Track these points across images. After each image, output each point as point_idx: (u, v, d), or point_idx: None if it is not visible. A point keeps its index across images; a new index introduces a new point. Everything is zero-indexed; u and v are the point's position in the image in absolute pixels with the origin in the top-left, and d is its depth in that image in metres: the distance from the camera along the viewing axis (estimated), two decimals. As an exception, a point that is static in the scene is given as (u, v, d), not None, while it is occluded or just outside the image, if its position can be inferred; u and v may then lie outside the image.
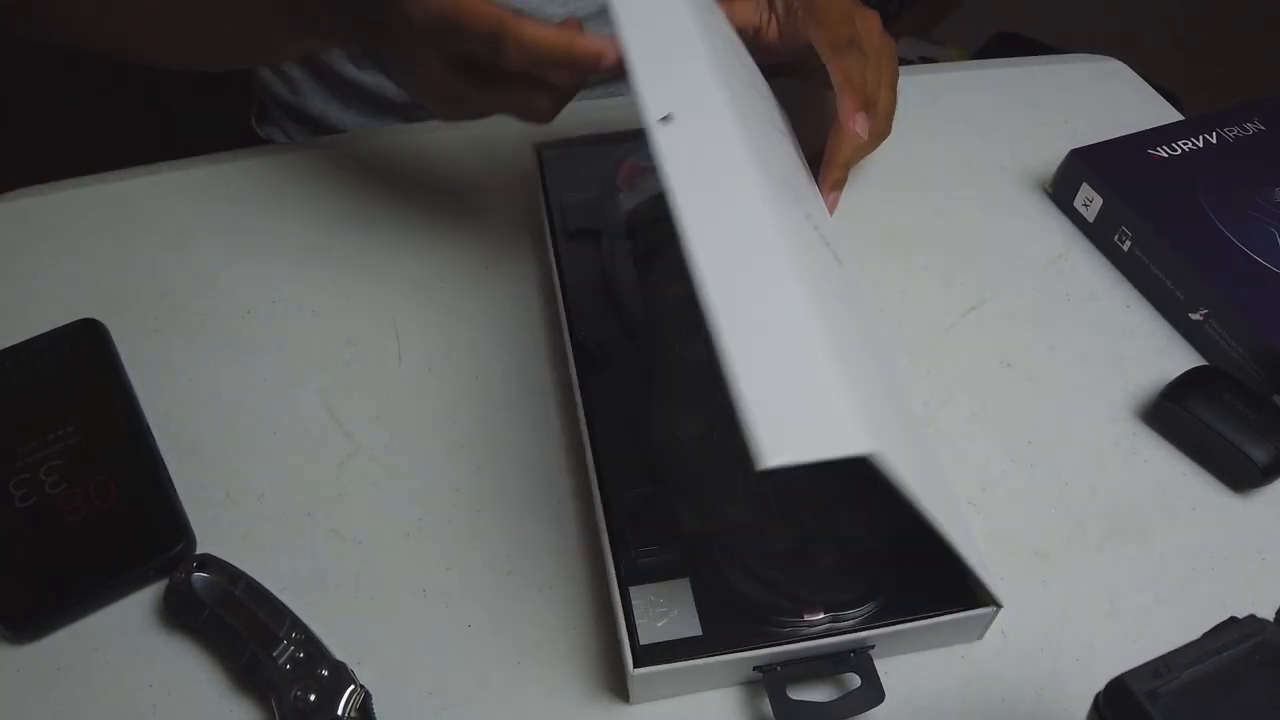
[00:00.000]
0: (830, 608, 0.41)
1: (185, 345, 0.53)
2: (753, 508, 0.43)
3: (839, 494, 0.44)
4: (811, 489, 0.44)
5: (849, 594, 0.41)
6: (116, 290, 0.56)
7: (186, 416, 0.50)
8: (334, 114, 0.74)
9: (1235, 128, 0.63)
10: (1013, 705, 0.42)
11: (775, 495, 0.44)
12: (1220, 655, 0.29)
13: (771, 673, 0.40)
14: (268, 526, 0.47)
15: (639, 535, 0.43)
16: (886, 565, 0.42)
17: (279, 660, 0.40)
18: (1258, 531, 0.48)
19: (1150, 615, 0.45)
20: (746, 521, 0.43)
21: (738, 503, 0.43)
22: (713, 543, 0.42)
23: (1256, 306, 0.52)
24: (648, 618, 0.41)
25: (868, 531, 0.43)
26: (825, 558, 0.42)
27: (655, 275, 0.51)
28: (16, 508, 0.45)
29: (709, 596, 0.41)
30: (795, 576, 0.41)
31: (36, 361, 0.51)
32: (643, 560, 0.42)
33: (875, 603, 0.41)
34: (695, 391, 0.47)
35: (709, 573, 0.42)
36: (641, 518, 0.43)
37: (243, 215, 0.59)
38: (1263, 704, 0.29)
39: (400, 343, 0.54)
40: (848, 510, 0.43)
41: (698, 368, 0.48)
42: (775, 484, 0.44)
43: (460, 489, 0.48)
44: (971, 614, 0.41)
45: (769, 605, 0.41)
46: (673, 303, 0.50)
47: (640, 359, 0.48)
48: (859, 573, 0.42)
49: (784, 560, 0.42)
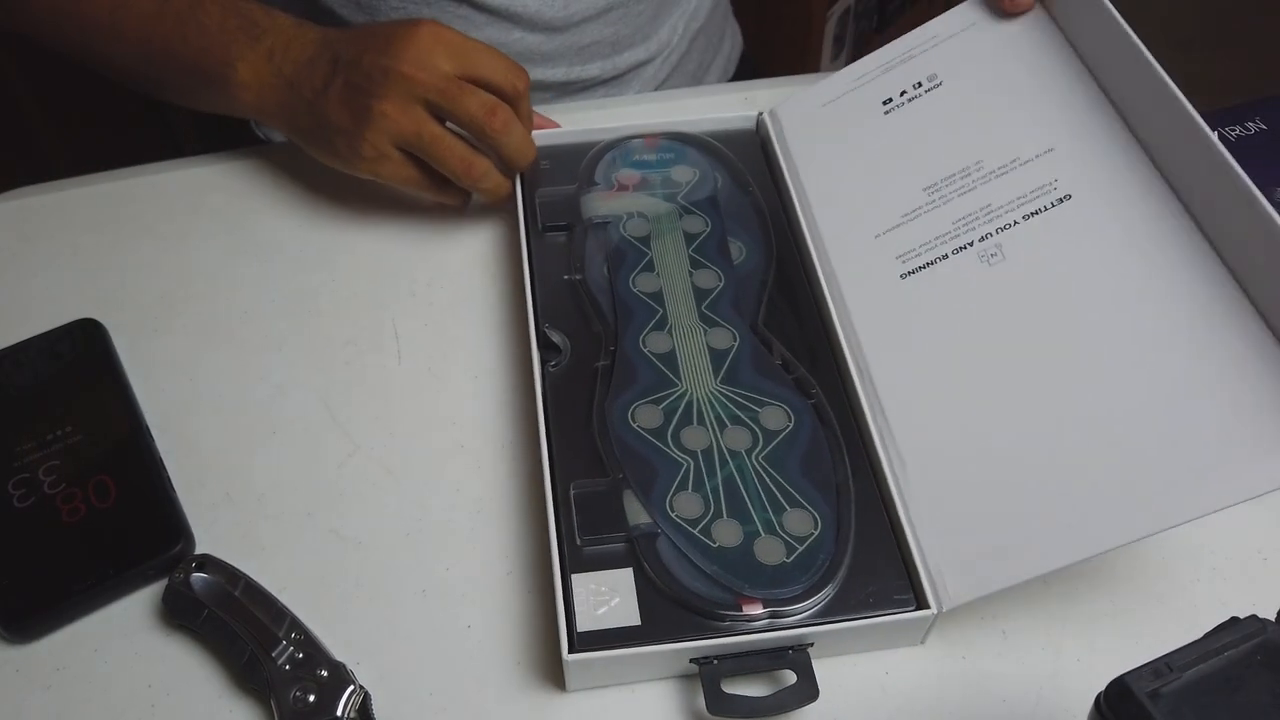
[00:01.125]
0: (771, 604, 0.41)
1: (185, 345, 0.53)
2: (701, 502, 0.44)
3: (789, 491, 0.44)
4: (762, 486, 0.44)
5: (792, 591, 0.41)
6: (116, 290, 0.56)
7: (186, 416, 0.50)
8: None
9: (1237, 127, 0.63)
10: (1013, 705, 0.42)
11: (725, 490, 0.44)
12: (1221, 655, 0.29)
13: (708, 665, 0.40)
14: (268, 526, 0.47)
15: (586, 524, 0.43)
16: (834, 564, 0.42)
17: (278, 660, 0.40)
18: (1258, 531, 0.48)
19: (1150, 615, 0.45)
20: (694, 516, 0.43)
21: (686, 496, 0.44)
22: (658, 535, 0.43)
23: (1257, 306, 0.52)
24: (588, 605, 0.41)
25: (816, 529, 0.43)
26: (770, 554, 0.42)
27: (625, 270, 0.52)
28: (16, 508, 0.45)
29: (651, 588, 0.41)
30: (738, 571, 0.42)
31: (36, 361, 0.51)
32: (588, 549, 0.42)
33: (818, 601, 0.41)
34: (654, 385, 0.47)
35: (653, 564, 0.42)
36: (590, 507, 0.44)
37: (243, 215, 0.59)
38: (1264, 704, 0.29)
39: (400, 343, 0.54)
40: (796, 508, 0.44)
41: (659, 361, 0.48)
42: (725, 480, 0.44)
43: (460, 489, 0.48)
44: (909, 616, 0.41)
45: (710, 598, 0.41)
46: (640, 297, 0.51)
47: (603, 352, 0.49)
48: (803, 570, 0.42)
49: (729, 555, 0.42)
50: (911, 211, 0.51)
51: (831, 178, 0.55)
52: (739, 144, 0.59)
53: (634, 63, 0.73)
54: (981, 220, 0.49)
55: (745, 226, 0.55)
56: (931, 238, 0.49)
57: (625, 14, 0.70)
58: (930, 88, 0.55)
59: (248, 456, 0.49)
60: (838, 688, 0.42)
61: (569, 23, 0.68)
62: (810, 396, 0.48)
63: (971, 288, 0.47)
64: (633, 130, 0.59)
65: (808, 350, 0.50)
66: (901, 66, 0.56)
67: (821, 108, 0.58)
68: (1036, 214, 0.47)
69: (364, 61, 0.51)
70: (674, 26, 0.74)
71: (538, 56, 0.69)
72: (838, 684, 0.42)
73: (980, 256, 0.48)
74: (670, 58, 0.75)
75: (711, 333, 0.50)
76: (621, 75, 0.73)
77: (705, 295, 0.51)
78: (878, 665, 0.43)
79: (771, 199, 0.56)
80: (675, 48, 0.75)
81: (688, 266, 0.53)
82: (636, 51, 0.73)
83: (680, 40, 0.76)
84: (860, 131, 0.55)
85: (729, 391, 0.47)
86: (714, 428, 0.46)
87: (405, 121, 0.51)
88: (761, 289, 0.52)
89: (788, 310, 0.51)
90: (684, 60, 0.77)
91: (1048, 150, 0.49)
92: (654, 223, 0.55)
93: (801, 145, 0.57)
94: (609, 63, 0.72)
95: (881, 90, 0.56)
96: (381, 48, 0.51)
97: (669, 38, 0.74)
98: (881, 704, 0.42)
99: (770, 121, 0.59)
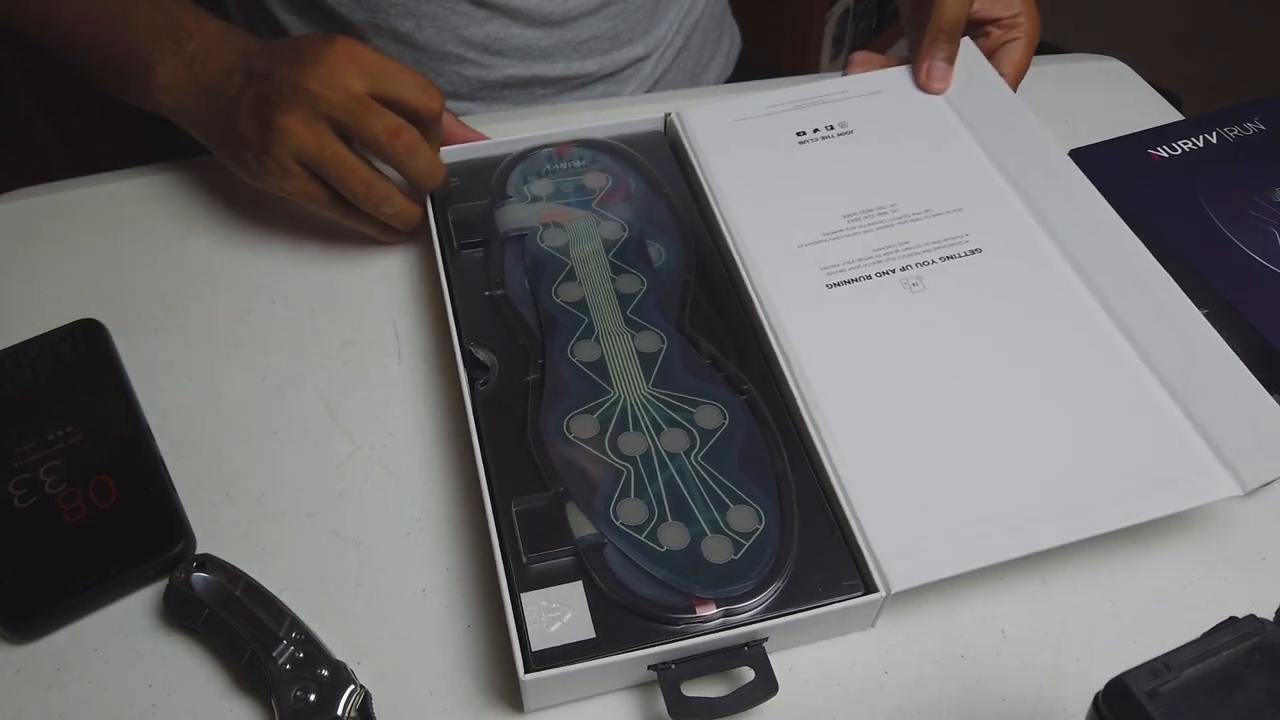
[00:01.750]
0: (724, 602, 0.41)
1: (185, 345, 0.53)
2: (645, 507, 0.43)
3: (730, 488, 0.44)
4: (703, 485, 0.44)
5: (742, 587, 0.41)
6: (116, 290, 0.56)
7: (186, 416, 0.50)
8: None
9: (1236, 127, 0.63)
10: (1013, 705, 0.42)
11: (667, 493, 0.44)
12: (1220, 655, 0.29)
13: (666, 670, 0.40)
14: (268, 526, 0.47)
15: (530, 541, 0.42)
16: (781, 557, 0.42)
17: (279, 660, 0.41)
18: (1258, 531, 0.48)
19: (1150, 615, 0.45)
20: (639, 523, 0.43)
21: (629, 503, 0.44)
22: (605, 545, 0.42)
23: (1256, 306, 0.53)
24: (540, 623, 0.40)
25: (761, 524, 0.43)
26: (718, 553, 0.42)
27: (546, 281, 0.52)
28: (16, 508, 0.45)
29: (603, 599, 0.41)
30: (688, 573, 0.42)
31: (36, 362, 0.51)
32: (535, 566, 0.42)
33: (769, 595, 0.41)
34: (586, 394, 0.47)
35: (602, 575, 0.42)
36: (533, 523, 0.43)
37: (243, 215, 0.59)
38: (1263, 704, 0.29)
39: (400, 343, 0.54)
40: (740, 504, 0.44)
41: (589, 370, 0.48)
42: (666, 483, 0.44)
43: (460, 489, 0.48)
44: (859, 601, 0.41)
45: (662, 603, 0.41)
46: (564, 307, 0.51)
47: (532, 366, 0.48)
48: (752, 566, 0.42)
49: (677, 558, 0.42)
50: (833, 232, 0.54)
51: (748, 188, 0.56)
52: (648, 146, 0.59)
53: (631, 58, 0.73)
54: (901, 252, 0.53)
55: (662, 228, 0.55)
56: (855, 258, 0.53)
57: (623, 9, 0.70)
58: (842, 133, 0.59)
59: (248, 456, 0.49)
60: (838, 687, 0.42)
61: (566, 17, 0.68)
62: (742, 392, 0.48)
63: (897, 307, 0.51)
64: (540, 140, 0.59)
65: (735, 347, 0.50)
66: (813, 108, 0.60)
67: (735, 123, 0.59)
68: (952, 259, 0.52)
69: (275, 75, 0.51)
70: (671, 23, 0.75)
71: (536, 52, 0.69)
72: (838, 684, 0.43)
73: (903, 283, 0.51)
74: (667, 54, 0.76)
75: (639, 337, 0.50)
76: (619, 71, 0.74)
77: (629, 300, 0.51)
78: (879, 665, 0.43)
79: (685, 200, 0.57)
80: (672, 44, 0.76)
81: (609, 272, 0.52)
82: (634, 47, 0.73)
83: (677, 36, 0.76)
84: (775, 152, 0.58)
85: (662, 394, 0.47)
86: (650, 432, 0.46)
87: (308, 138, 0.51)
88: (684, 289, 0.52)
89: (711, 309, 0.51)
90: (681, 57, 0.77)
91: (957, 209, 0.55)
92: (571, 231, 0.54)
93: (714, 152, 0.58)
94: (607, 58, 0.72)
95: (795, 123, 0.60)
96: (294, 62, 0.51)
97: (666, 34, 0.75)
98: (882, 704, 0.42)
99: (679, 123, 0.59)
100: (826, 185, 0.56)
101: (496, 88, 0.71)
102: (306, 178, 0.53)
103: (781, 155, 0.58)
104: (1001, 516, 0.43)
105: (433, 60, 0.69)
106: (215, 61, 0.54)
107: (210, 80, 0.54)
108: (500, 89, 0.71)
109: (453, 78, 0.70)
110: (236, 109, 0.53)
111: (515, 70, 0.70)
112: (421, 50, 0.68)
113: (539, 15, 0.67)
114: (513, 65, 0.70)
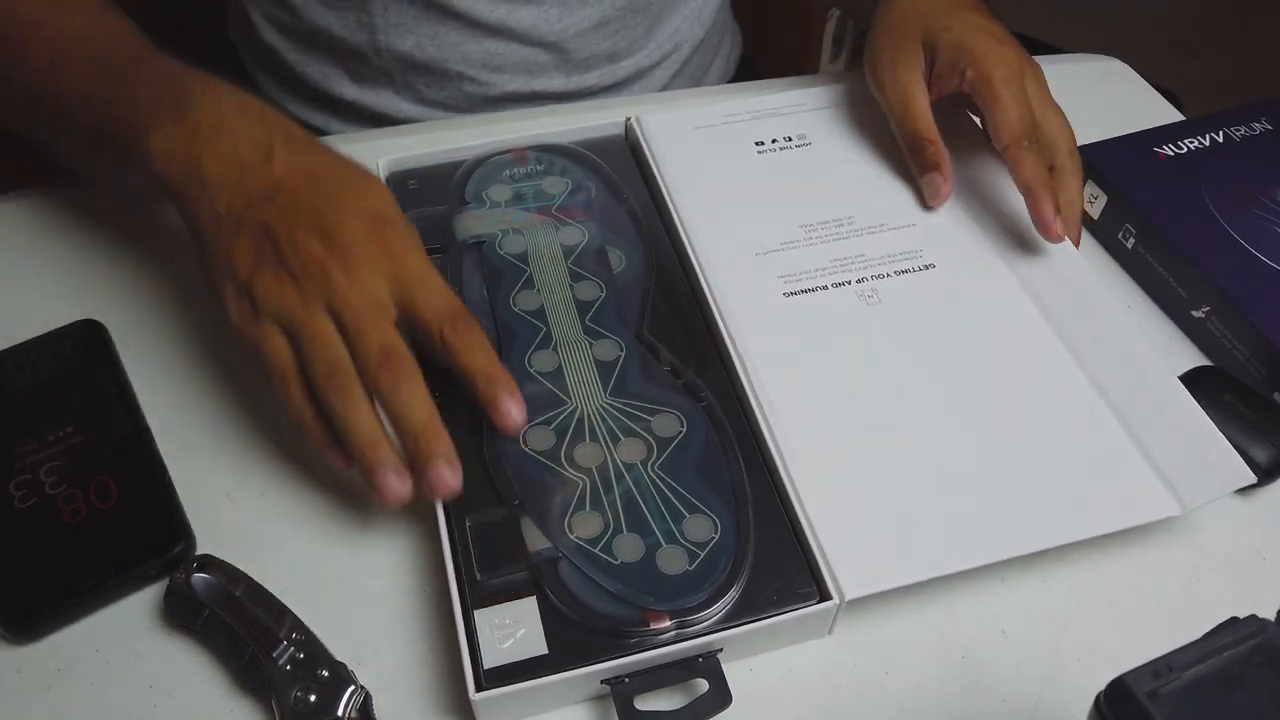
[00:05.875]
0: (678, 614, 0.40)
1: (185, 345, 0.53)
2: (600, 519, 0.43)
3: (686, 498, 0.44)
4: (659, 495, 0.44)
5: (697, 598, 0.41)
6: (116, 290, 0.56)
7: (186, 416, 0.50)
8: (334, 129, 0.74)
9: (1242, 127, 0.63)
10: (1013, 705, 0.42)
11: (623, 505, 0.44)
12: (1221, 655, 0.29)
13: (619, 685, 0.39)
14: (268, 526, 0.47)
15: (484, 556, 0.42)
16: (736, 566, 0.42)
17: (279, 661, 0.40)
18: (1258, 531, 0.48)
19: (1150, 615, 0.45)
20: (594, 535, 0.43)
21: (584, 515, 0.43)
22: (560, 559, 0.42)
23: (1259, 304, 0.53)
24: (492, 641, 0.40)
25: (717, 533, 0.43)
26: (673, 563, 0.42)
27: (504, 289, 0.51)
28: (17, 508, 0.45)
29: (556, 614, 0.41)
30: (642, 585, 0.41)
31: (36, 362, 0.51)
32: (489, 582, 0.41)
33: (724, 605, 0.41)
34: (543, 405, 0.47)
35: (556, 590, 0.41)
36: (487, 538, 0.43)
37: (243, 215, 0.59)
38: (1264, 704, 0.29)
39: (400, 343, 0.54)
40: (696, 514, 0.43)
41: (546, 380, 0.48)
42: (622, 494, 0.44)
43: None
44: (814, 609, 0.41)
45: (616, 617, 0.40)
46: (522, 316, 0.50)
47: None
48: (707, 576, 0.41)
49: (631, 571, 0.42)
50: (791, 241, 0.55)
51: (706, 195, 0.56)
52: (608, 151, 0.59)
53: (634, 70, 0.73)
54: (857, 265, 0.54)
55: (622, 234, 0.54)
56: (812, 268, 0.53)
57: (622, 27, 0.70)
58: (800, 144, 0.60)
59: (248, 456, 0.49)
60: (837, 688, 0.42)
61: (564, 36, 0.68)
62: (700, 400, 0.47)
63: (853, 318, 0.51)
64: (499, 145, 0.58)
65: (694, 355, 0.49)
66: (771, 119, 0.61)
67: (694, 130, 0.60)
68: (906, 273, 0.53)
69: (297, 233, 0.44)
70: (672, 34, 0.74)
71: (536, 68, 0.69)
72: (837, 683, 0.43)
73: (859, 295, 0.52)
74: (669, 64, 0.76)
75: (597, 345, 0.49)
76: (622, 82, 0.73)
77: (588, 308, 0.51)
78: (878, 665, 0.43)
79: (646, 205, 0.56)
80: (674, 55, 0.76)
81: (568, 280, 0.52)
82: (636, 59, 0.73)
83: (679, 47, 0.76)
84: (734, 162, 0.59)
85: (619, 403, 0.47)
86: (607, 442, 0.46)
87: (298, 306, 0.43)
88: (644, 296, 0.51)
89: (671, 316, 0.51)
90: (684, 66, 0.77)
91: (911, 224, 0.56)
92: (530, 238, 0.53)
93: (673, 159, 0.58)
94: (607, 72, 0.72)
95: (753, 133, 0.60)
96: (321, 234, 0.44)
97: (668, 45, 0.74)
98: (883, 704, 0.42)
99: (639, 128, 0.59)
100: (784, 195, 0.57)
101: (498, 103, 0.71)
102: (275, 334, 0.44)
103: (740, 164, 0.58)
104: (953, 529, 0.44)
105: (434, 77, 0.69)
106: (226, 146, 0.46)
107: (217, 173, 0.46)
108: (501, 105, 0.71)
109: (454, 94, 0.70)
110: (236, 227, 0.45)
111: (516, 86, 0.70)
112: (422, 68, 0.68)
113: (536, 35, 0.67)
114: (513, 81, 0.70)
